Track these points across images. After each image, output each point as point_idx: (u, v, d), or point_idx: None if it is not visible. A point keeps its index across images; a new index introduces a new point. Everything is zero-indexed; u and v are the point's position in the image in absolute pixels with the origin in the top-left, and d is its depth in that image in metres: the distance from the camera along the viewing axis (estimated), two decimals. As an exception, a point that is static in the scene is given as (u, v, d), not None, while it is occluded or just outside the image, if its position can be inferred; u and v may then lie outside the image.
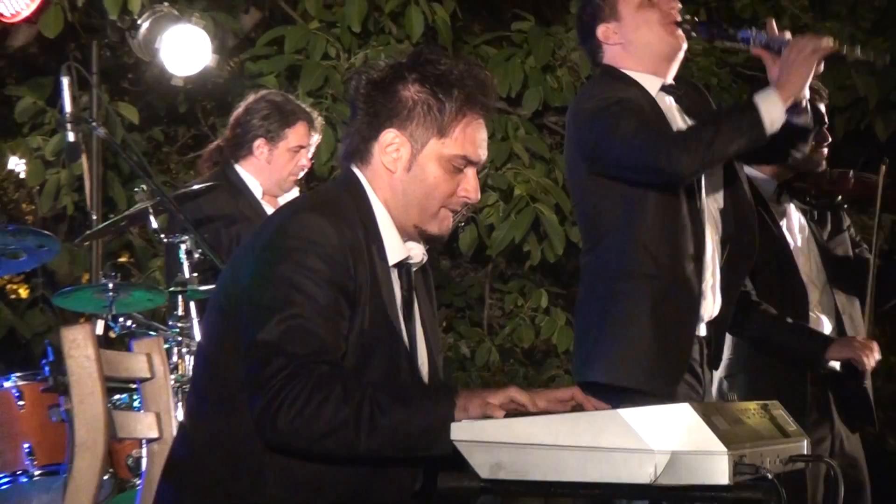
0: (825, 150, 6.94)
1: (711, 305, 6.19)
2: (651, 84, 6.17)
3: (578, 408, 4.08)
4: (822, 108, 6.99)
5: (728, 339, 6.55)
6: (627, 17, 6.15)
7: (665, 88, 6.19)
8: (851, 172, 6.90)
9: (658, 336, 5.95)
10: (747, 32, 6.08)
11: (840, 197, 6.87)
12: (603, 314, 6.10)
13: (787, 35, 6.04)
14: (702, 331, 6.14)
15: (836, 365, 6.66)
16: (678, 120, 6.21)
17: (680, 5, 6.21)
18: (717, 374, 6.61)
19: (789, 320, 6.71)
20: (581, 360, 6.13)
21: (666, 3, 6.16)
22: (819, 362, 6.59)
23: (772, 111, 5.87)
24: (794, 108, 6.01)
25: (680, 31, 6.16)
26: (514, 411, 4.00)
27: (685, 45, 6.21)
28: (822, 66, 5.98)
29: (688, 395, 5.78)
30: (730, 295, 6.27)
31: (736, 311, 6.41)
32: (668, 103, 6.21)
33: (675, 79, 6.26)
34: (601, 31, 6.22)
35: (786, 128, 5.99)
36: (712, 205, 6.25)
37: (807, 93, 6.01)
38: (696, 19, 6.26)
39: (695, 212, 6.08)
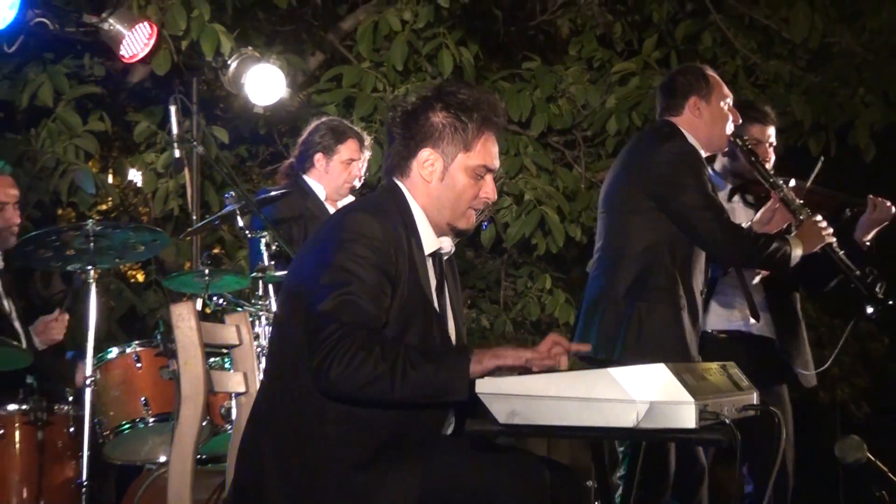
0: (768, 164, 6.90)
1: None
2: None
3: (576, 368, 4.13)
4: (772, 130, 6.96)
5: None
6: (714, 106, 6.17)
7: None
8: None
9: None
10: (781, 185, 6.22)
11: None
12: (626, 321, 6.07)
13: (803, 213, 6.17)
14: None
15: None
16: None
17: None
18: None
19: None
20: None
21: (736, 116, 6.22)
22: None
23: (797, 254, 6.04)
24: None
25: (730, 140, 6.24)
26: (527, 371, 4.05)
27: (726, 149, 6.32)
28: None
29: None
30: None
31: None
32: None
33: None
34: (692, 101, 6.20)
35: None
36: None
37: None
38: (750, 148, 6.34)
39: None
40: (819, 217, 6.12)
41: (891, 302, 6.13)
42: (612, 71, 9.58)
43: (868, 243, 6.60)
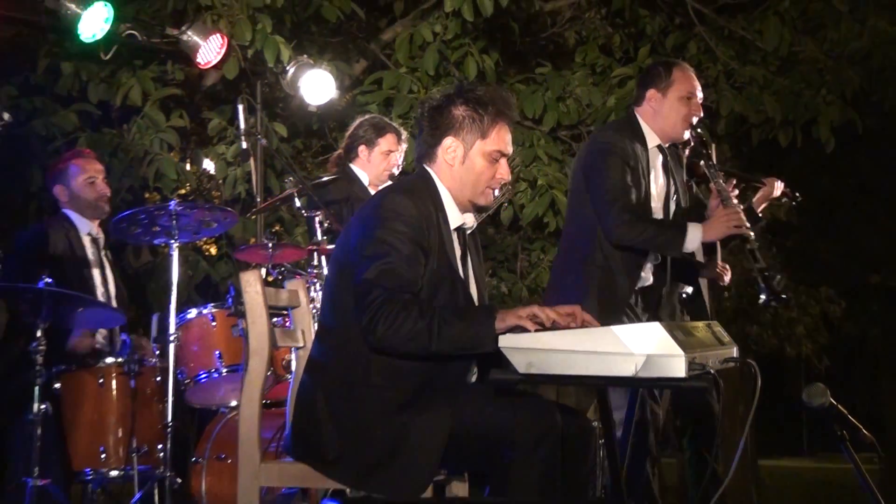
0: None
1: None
2: (652, 141, 6.11)
3: (584, 325, 4.14)
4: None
5: None
6: (670, 98, 6.07)
7: (659, 147, 6.11)
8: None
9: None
10: (718, 177, 6.07)
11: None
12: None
13: (733, 196, 6.03)
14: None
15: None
16: (659, 169, 6.14)
17: (699, 113, 6.15)
18: None
19: None
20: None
21: (696, 109, 6.10)
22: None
23: (693, 241, 5.90)
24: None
25: (689, 129, 6.09)
26: (542, 327, 4.07)
27: (687, 137, 6.12)
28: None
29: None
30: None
31: None
32: (658, 155, 6.13)
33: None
34: (651, 93, 6.11)
35: None
36: (655, 200, 6.15)
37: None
38: (704, 141, 6.20)
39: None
40: (734, 210, 5.96)
41: (783, 297, 6.03)
42: (612, 75, 9.56)
43: (760, 214, 6.53)
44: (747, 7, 9.92)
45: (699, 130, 6.17)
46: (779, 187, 6.54)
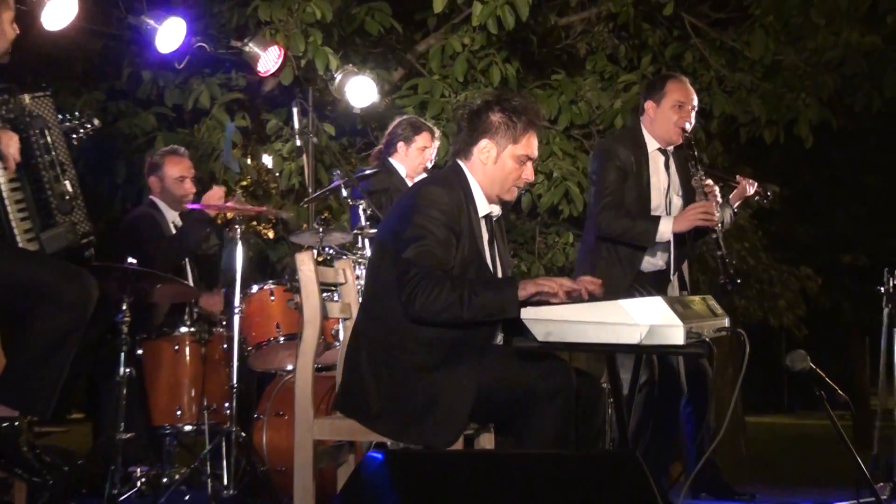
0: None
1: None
2: (652, 145, 6.15)
3: (594, 299, 4.14)
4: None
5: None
6: (664, 108, 6.10)
7: (660, 150, 6.14)
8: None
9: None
10: (699, 174, 6.05)
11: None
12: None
13: (717, 191, 6.06)
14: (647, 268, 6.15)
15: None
16: (661, 168, 6.15)
17: (692, 122, 6.16)
18: None
19: None
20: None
21: (686, 116, 6.09)
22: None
23: (664, 233, 5.98)
24: None
25: (682, 133, 6.07)
26: (559, 301, 4.09)
27: (681, 141, 6.11)
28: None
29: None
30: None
31: None
32: (659, 157, 6.15)
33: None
34: (648, 104, 6.17)
35: None
36: (656, 195, 6.17)
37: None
38: (691, 143, 6.14)
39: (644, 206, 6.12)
40: (704, 203, 5.96)
41: (738, 280, 6.03)
42: (619, 81, 9.52)
43: (736, 210, 6.61)
44: (736, 21, 9.86)
45: (688, 134, 6.13)
46: (751, 187, 6.55)
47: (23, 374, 4.42)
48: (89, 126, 4.83)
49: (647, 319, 3.90)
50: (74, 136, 4.75)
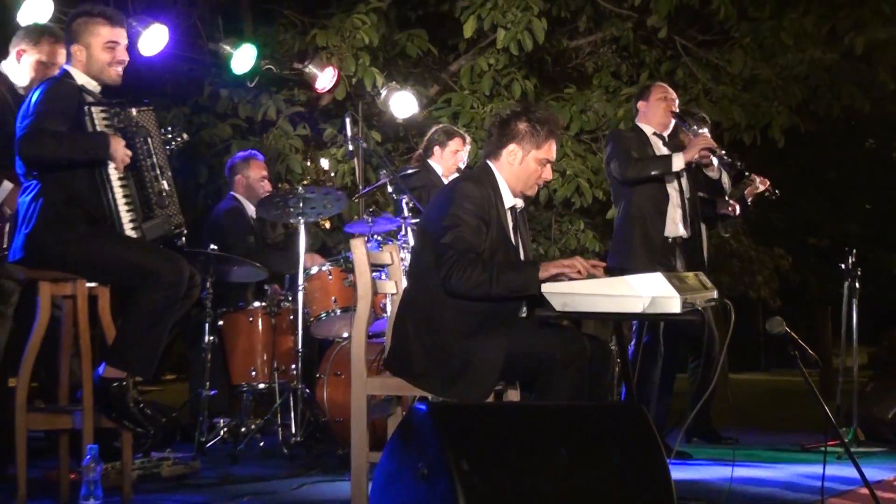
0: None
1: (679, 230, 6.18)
2: (649, 130, 6.25)
3: (607, 275, 4.14)
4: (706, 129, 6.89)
5: None
6: (652, 102, 6.27)
7: (655, 134, 6.23)
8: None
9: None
10: (691, 128, 6.24)
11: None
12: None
13: (701, 132, 6.20)
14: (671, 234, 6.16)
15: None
16: (662, 148, 6.25)
17: (677, 102, 6.31)
18: None
19: None
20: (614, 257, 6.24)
21: (671, 103, 6.24)
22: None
23: (677, 161, 6.06)
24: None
25: (671, 114, 6.24)
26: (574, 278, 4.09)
27: (672, 125, 6.27)
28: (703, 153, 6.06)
29: None
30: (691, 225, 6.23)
31: None
32: (657, 140, 6.24)
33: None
34: (640, 104, 6.35)
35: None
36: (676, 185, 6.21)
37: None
38: (680, 114, 6.31)
39: (664, 191, 6.13)
40: (703, 135, 6.18)
41: (739, 164, 6.27)
42: (621, 94, 9.49)
43: (749, 203, 6.83)
44: (719, 42, 9.81)
45: (677, 111, 6.31)
46: (762, 185, 6.61)
47: (131, 342, 4.45)
48: (180, 139, 4.89)
49: (648, 292, 3.89)
50: (168, 146, 4.79)
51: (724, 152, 6.19)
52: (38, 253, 4.44)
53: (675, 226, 6.13)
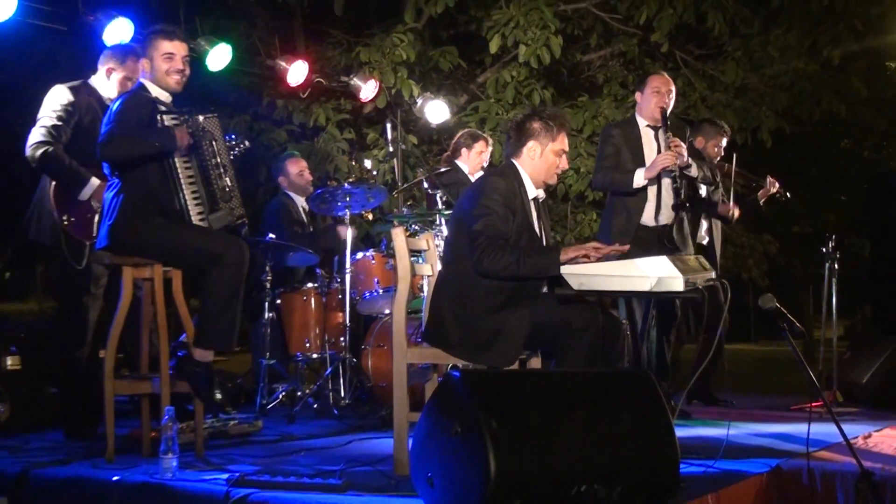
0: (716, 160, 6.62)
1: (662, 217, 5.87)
2: (642, 123, 5.91)
3: (621, 258, 4.11)
4: (724, 140, 6.69)
5: None
6: (646, 94, 5.87)
7: (649, 126, 5.89)
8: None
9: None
10: (668, 135, 5.74)
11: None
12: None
13: (673, 144, 5.70)
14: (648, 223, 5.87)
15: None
16: (653, 140, 5.90)
17: (669, 103, 5.87)
18: None
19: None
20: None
21: (663, 97, 5.85)
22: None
23: (638, 179, 5.75)
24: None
25: (660, 111, 5.81)
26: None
27: (659, 118, 5.81)
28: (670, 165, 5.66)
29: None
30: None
31: None
32: (649, 132, 5.90)
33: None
34: (637, 94, 5.98)
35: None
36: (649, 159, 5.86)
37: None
38: (664, 113, 5.82)
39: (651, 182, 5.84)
40: (665, 153, 5.68)
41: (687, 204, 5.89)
42: (628, 101, 9.41)
43: (761, 205, 6.57)
44: (714, 56, 9.73)
45: (665, 111, 5.86)
46: (773, 187, 6.45)
47: (212, 323, 4.45)
48: (243, 146, 4.91)
49: (655, 272, 3.85)
50: (233, 152, 4.81)
51: (691, 167, 5.82)
52: (119, 241, 4.47)
53: (651, 216, 5.86)
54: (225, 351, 4.61)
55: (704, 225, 6.68)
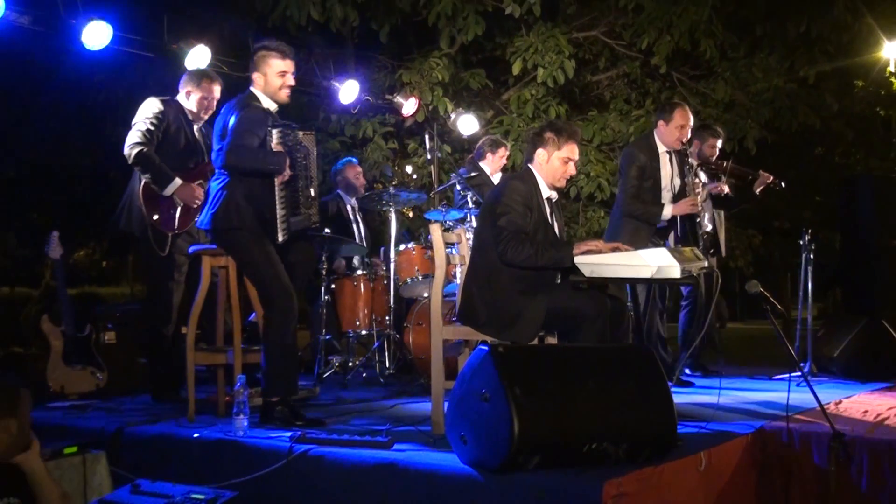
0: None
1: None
2: (662, 148, 5.75)
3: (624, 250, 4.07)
4: (720, 141, 6.55)
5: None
6: (671, 124, 5.64)
7: (667, 152, 5.76)
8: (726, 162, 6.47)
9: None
10: (691, 175, 5.68)
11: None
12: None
13: (696, 189, 5.63)
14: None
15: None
16: (667, 165, 5.77)
17: (688, 135, 5.71)
18: None
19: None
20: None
21: (683, 134, 5.68)
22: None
23: (666, 214, 5.66)
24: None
25: (680, 144, 5.67)
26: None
27: (680, 148, 5.69)
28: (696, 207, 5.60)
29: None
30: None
31: None
32: (667, 157, 5.76)
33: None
34: (659, 121, 5.75)
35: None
36: (665, 181, 5.80)
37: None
38: (687, 154, 5.73)
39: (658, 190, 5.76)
40: (691, 198, 5.61)
41: (709, 249, 5.78)
42: (632, 116, 9.36)
43: (758, 195, 6.31)
44: (706, 76, 9.64)
45: (685, 145, 5.75)
46: (769, 178, 6.33)
47: (274, 378, 4.36)
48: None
49: (656, 262, 3.82)
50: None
51: (703, 203, 5.74)
52: (215, 229, 4.45)
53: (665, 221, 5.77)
54: (291, 397, 4.43)
55: (707, 214, 6.62)
